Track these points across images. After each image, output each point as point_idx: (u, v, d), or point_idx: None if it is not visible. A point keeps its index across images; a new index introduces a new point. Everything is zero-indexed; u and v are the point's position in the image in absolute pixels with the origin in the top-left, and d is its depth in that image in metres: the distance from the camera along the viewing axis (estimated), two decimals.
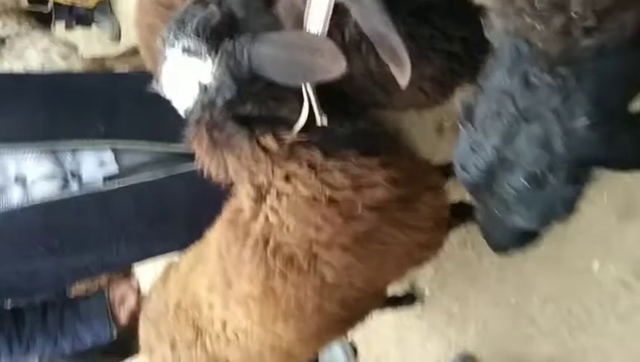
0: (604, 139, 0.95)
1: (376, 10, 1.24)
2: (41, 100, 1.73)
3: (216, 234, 1.70)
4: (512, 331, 2.38)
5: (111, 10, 5.34)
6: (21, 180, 1.68)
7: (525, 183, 1.02)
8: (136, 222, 1.80)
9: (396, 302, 2.79)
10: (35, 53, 4.14)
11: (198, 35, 1.26)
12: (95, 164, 1.75)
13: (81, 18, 4.97)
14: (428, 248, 1.79)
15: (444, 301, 2.68)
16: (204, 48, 1.26)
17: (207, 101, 1.31)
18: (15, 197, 1.66)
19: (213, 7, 1.28)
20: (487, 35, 1.05)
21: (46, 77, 2.37)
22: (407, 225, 1.64)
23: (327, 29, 1.27)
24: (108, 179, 1.76)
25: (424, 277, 2.78)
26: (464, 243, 2.53)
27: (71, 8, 4.75)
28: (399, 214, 1.61)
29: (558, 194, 1.02)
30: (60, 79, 2.11)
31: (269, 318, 1.63)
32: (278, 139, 1.43)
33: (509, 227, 1.16)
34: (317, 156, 1.46)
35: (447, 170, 1.92)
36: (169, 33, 1.31)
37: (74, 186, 1.73)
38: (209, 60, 1.27)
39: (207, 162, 1.47)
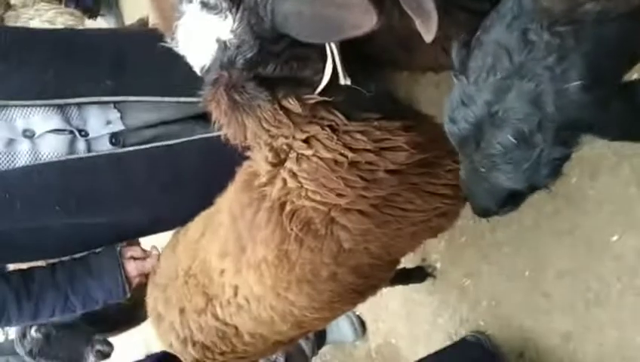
0: (595, 103, 0.96)
1: None
2: (50, 56, 1.70)
3: (228, 199, 1.67)
4: (525, 306, 2.34)
5: (116, 4, 5.41)
6: (29, 134, 1.67)
7: (513, 141, 1.02)
8: (150, 186, 1.78)
9: (407, 276, 2.75)
10: (40, 23, 4.10)
11: None
12: (101, 123, 1.73)
13: (88, 9, 5.01)
14: (445, 216, 1.76)
15: (457, 275, 2.64)
16: (224, 4, 1.21)
17: (226, 60, 1.26)
18: (24, 149, 1.65)
19: None
20: None
21: (55, 32, 2.34)
22: (426, 191, 1.62)
23: None
24: (113, 136, 1.75)
25: (436, 250, 2.74)
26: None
27: None
28: (419, 179, 1.59)
29: (545, 156, 1.02)
30: (69, 35, 2.06)
31: (283, 284, 1.60)
32: (301, 101, 1.38)
33: (493, 186, 1.15)
34: (339, 118, 1.42)
35: None
36: None
37: (81, 142, 1.72)
38: (229, 17, 1.21)
39: (224, 124, 1.41)
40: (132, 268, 2.01)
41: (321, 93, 1.37)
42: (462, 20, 1.47)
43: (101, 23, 5.46)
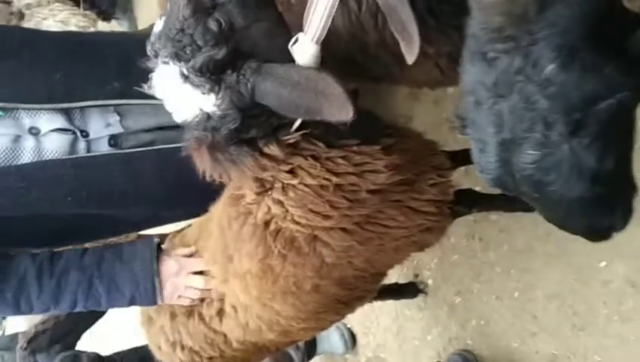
0: (581, 74, 0.90)
1: None
2: (58, 57, 1.74)
3: (219, 209, 1.70)
4: (513, 327, 2.35)
5: (131, 9, 5.47)
6: (35, 131, 1.71)
7: (535, 152, 0.98)
8: (157, 185, 1.82)
9: (399, 291, 2.77)
10: (54, 24, 4.16)
11: (202, 73, 1.23)
12: (102, 125, 1.78)
13: (103, 11, 5.07)
14: (429, 232, 1.77)
15: (448, 293, 2.65)
16: (207, 86, 1.25)
17: (210, 127, 1.31)
18: (29, 146, 1.69)
19: (212, 25, 1.23)
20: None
21: (63, 34, 2.37)
22: (408, 208, 1.64)
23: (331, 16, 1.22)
24: (112, 138, 1.80)
25: (428, 267, 2.75)
26: (471, 234, 2.50)
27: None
28: (401, 196, 1.61)
29: (575, 147, 0.95)
30: (77, 37, 2.11)
31: (267, 294, 1.63)
32: (282, 144, 1.41)
33: (564, 201, 1.05)
34: (320, 148, 1.45)
35: (457, 157, 1.89)
36: (161, 47, 1.27)
37: (82, 142, 1.77)
38: (212, 95, 1.26)
39: (208, 172, 1.44)
40: (169, 270, 1.79)
41: (300, 127, 1.40)
42: (456, 39, 1.50)
43: (114, 26, 5.52)
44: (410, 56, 1.26)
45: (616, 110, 0.94)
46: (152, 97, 1.55)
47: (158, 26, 1.30)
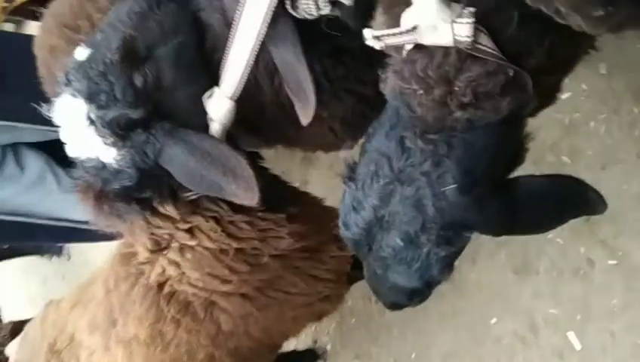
0: (472, 204, 1.00)
1: (291, 42, 1.23)
2: None
3: (104, 270, 1.58)
4: None
5: None
6: None
7: (400, 243, 1.06)
8: None
9: (297, 358, 2.69)
10: None
11: (109, 127, 1.15)
12: None
13: None
14: (328, 300, 1.77)
15: (347, 357, 2.61)
16: (112, 139, 1.17)
17: (102, 177, 1.22)
18: None
19: (137, 81, 1.16)
20: (381, 88, 1.09)
21: None
22: (309, 275, 1.62)
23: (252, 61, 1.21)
24: None
25: (327, 332, 2.71)
26: (368, 297, 2.50)
27: None
28: (302, 263, 1.59)
29: (432, 255, 1.06)
30: None
31: None
32: (181, 202, 1.33)
33: (394, 285, 1.17)
34: (222, 210, 1.39)
35: None
36: (76, 80, 1.18)
37: None
38: (114, 149, 1.18)
39: (92, 220, 1.33)
40: None
41: None
42: (349, 103, 1.54)
43: None
44: (305, 118, 1.27)
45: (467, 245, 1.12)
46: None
47: (81, 55, 1.19)
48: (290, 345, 2.63)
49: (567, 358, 1.89)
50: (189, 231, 1.38)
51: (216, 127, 1.27)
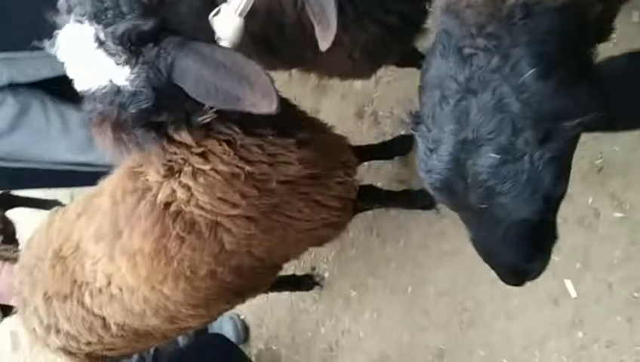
0: (558, 88, 0.90)
1: None
2: None
3: (112, 182, 1.58)
4: (405, 320, 2.39)
5: None
6: None
7: (496, 156, 0.92)
8: None
9: (295, 283, 2.74)
10: None
11: (121, 42, 1.10)
12: None
13: None
14: (331, 227, 1.78)
15: (343, 286, 2.66)
16: (124, 56, 1.12)
17: (118, 103, 1.18)
18: None
19: None
20: (430, 14, 1.02)
21: None
22: (314, 201, 1.63)
23: None
24: None
25: (325, 260, 2.75)
26: (370, 229, 2.53)
27: None
28: (309, 189, 1.60)
29: (537, 158, 0.92)
30: None
31: (158, 276, 1.54)
32: (194, 128, 1.31)
33: (507, 229, 1.01)
34: (236, 132, 1.38)
35: (361, 153, 1.91)
36: (77, 3, 1.13)
37: None
38: (127, 67, 1.13)
39: (109, 150, 1.31)
40: None
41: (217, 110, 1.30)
42: (372, 31, 1.49)
43: None
44: (325, 43, 1.22)
45: (578, 132, 0.94)
46: None
47: None
48: (288, 270, 2.69)
49: (562, 305, 1.92)
50: (203, 155, 1.38)
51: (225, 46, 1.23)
